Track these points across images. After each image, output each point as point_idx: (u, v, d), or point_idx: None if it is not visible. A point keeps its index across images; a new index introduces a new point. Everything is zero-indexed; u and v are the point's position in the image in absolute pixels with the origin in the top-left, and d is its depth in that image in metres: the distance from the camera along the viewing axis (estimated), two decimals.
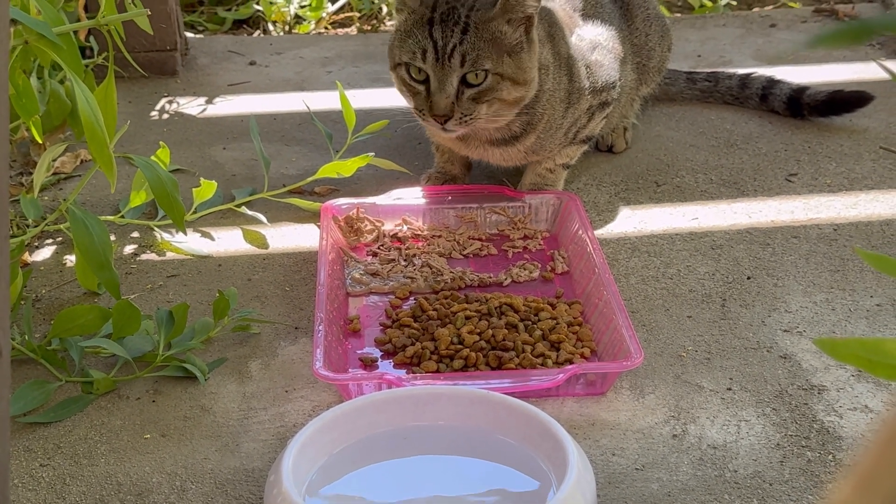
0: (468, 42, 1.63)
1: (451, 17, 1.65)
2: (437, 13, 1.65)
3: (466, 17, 1.64)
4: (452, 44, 1.63)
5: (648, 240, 1.79)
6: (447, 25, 1.64)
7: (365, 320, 1.58)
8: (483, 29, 1.64)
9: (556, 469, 1.17)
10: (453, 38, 1.63)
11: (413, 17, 1.68)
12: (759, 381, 1.44)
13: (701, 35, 2.69)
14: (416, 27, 1.67)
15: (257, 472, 1.29)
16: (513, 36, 1.66)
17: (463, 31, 1.64)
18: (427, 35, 1.65)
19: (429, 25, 1.65)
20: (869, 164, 2.01)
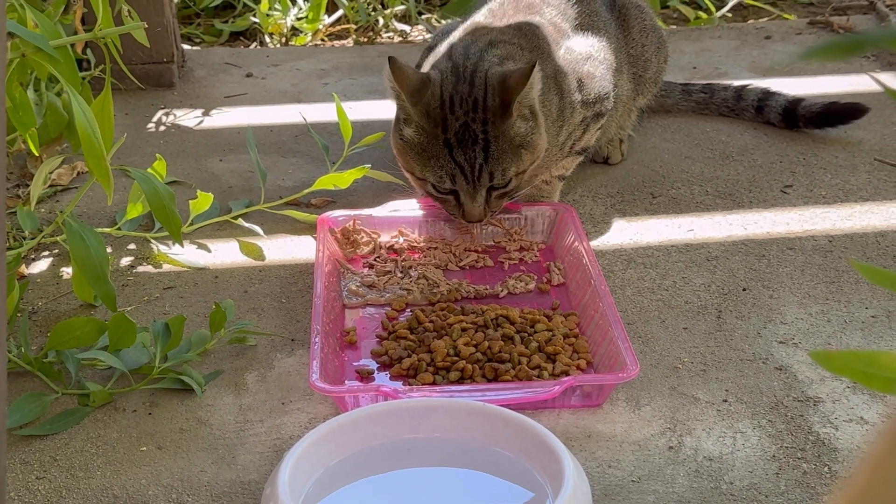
0: (492, 159, 1.64)
1: (468, 136, 1.64)
2: (450, 134, 1.64)
3: (484, 133, 1.64)
4: (478, 164, 1.64)
5: (644, 251, 1.79)
6: (467, 146, 1.64)
7: (361, 332, 1.59)
8: (501, 139, 1.64)
9: (553, 481, 1.17)
10: (477, 159, 1.64)
11: (425, 135, 1.66)
12: (755, 392, 1.44)
13: (696, 47, 2.70)
14: (432, 147, 1.65)
15: (254, 484, 1.29)
16: (524, 126, 1.67)
17: (484, 148, 1.64)
18: (450, 159, 1.64)
19: (447, 149, 1.64)
20: (864, 176, 2.01)
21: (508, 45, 1.76)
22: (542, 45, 1.81)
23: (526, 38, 1.79)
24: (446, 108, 1.64)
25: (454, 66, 1.68)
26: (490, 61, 1.69)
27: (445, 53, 1.76)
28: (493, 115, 1.64)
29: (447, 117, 1.64)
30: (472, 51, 1.72)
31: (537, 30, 1.83)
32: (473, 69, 1.67)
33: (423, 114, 1.65)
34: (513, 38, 1.78)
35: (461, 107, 1.64)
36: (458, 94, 1.65)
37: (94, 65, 2.27)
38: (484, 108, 1.64)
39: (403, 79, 1.65)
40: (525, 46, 1.77)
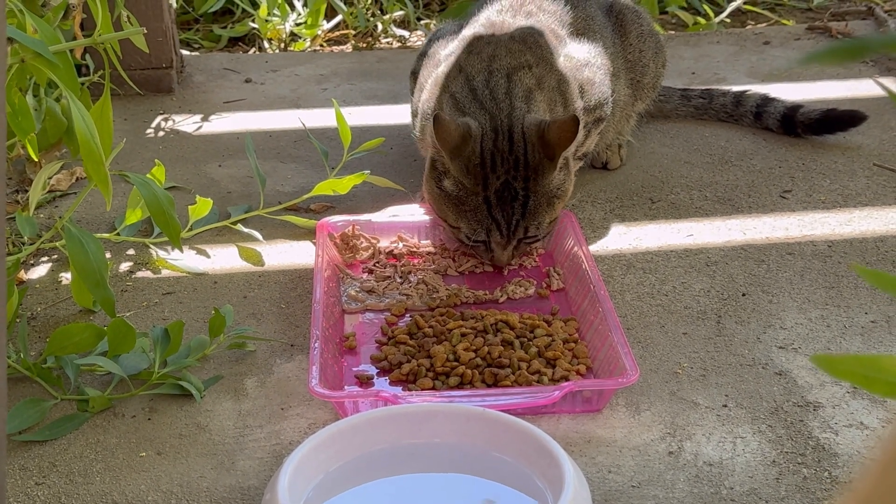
0: (529, 214, 1.65)
1: (509, 194, 1.64)
2: (490, 192, 1.64)
3: (524, 189, 1.64)
4: (515, 220, 1.65)
5: (643, 256, 1.79)
6: (506, 203, 1.64)
7: (361, 337, 1.59)
8: (540, 194, 1.65)
9: (553, 486, 1.16)
10: (515, 215, 1.65)
11: (463, 189, 1.66)
12: (755, 397, 1.44)
13: (695, 52, 2.70)
14: (470, 202, 1.65)
15: (253, 490, 1.29)
16: (560, 177, 1.68)
17: (523, 204, 1.65)
18: (487, 215, 1.65)
19: (486, 205, 1.64)
20: (863, 181, 2.01)
21: (522, 70, 1.75)
22: (546, 56, 1.81)
23: (531, 52, 1.79)
24: (487, 166, 1.64)
25: (491, 118, 1.67)
26: (520, 108, 1.69)
27: (468, 90, 1.73)
28: (534, 171, 1.64)
29: (488, 175, 1.64)
30: (499, 94, 1.71)
31: (540, 38, 1.83)
32: (510, 123, 1.67)
33: (463, 169, 1.64)
34: (521, 56, 1.77)
35: (502, 165, 1.64)
36: (500, 152, 1.64)
37: (93, 70, 2.27)
38: (525, 166, 1.64)
39: (446, 136, 1.62)
40: (533, 63, 1.77)
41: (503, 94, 1.70)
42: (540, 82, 1.76)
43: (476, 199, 1.64)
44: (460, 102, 1.72)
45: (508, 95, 1.70)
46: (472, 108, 1.70)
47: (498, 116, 1.68)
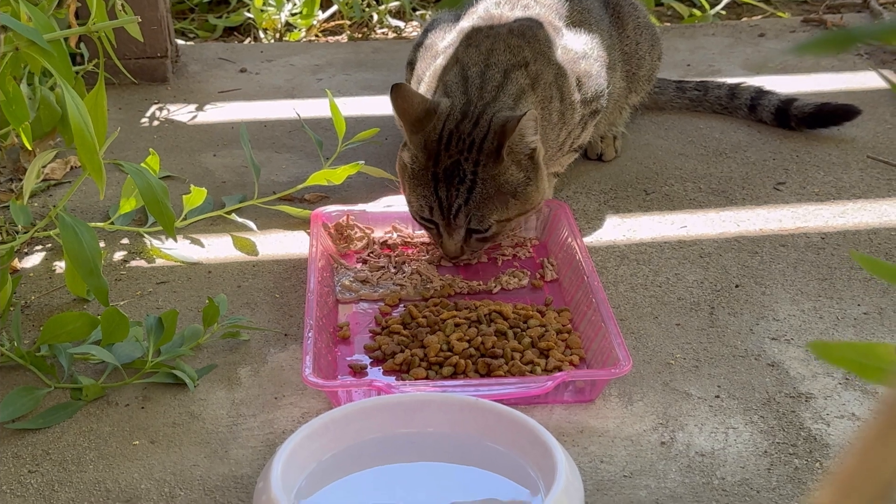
0: (473, 201, 1.62)
1: (456, 174, 1.62)
2: (440, 168, 1.62)
3: (473, 174, 1.62)
4: (458, 204, 1.62)
5: (637, 248, 1.80)
6: (451, 184, 1.62)
7: (354, 327, 1.59)
8: (489, 183, 1.62)
9: (545, 476, 1.17)
10: (458, 198, 1.62)
11: (418, 163, 1.65)
12: (747, 388, 1.44)
13: (690, 44, 2.70)
14: (421, 176, 1.64)
15: (246, 478, 1.29)
16: (519, 175, 1.64)
17: (469, 189, 1.62)
18: (432, 192, 1.63)
19: (433, 181, 1.63)
20: (857, 174, 2.02)
21: (519, 70, 1.74)
22: (543, 49, 1.81)
23: (529, 47, 1.78)
24: (442, 143, 1.63)
25: (467, 102, 1.67)
26: (504, 102, 1.68)
27: (460, 78, 1.73)
28: (486, 157, 1.62)
29: (440, 152, 1.63)
30: (489, 86, 1.70)
31: (539, 31, 1.83)
32: (482, 110, 1.66)
33: (421, 144, 1.64)
34: (520, 53, 1.76)
35: (457, 145, 1.63)
36: (458, 133, 1.63)
37: (87, 59, 2.27)
38: (479, 150, 1.62)
39: (406, 107, 1.62)
40: (530, 59, 1.76)
41: (493, 87, 1.70)
42: (536, 81, 1.76)
43: (426, 174, 1.64)
44: (449, 88, 1.72)
45: (499, 90, 1.70)
46: (456, 92, 1.70)
47: (475, 103, 1.67)
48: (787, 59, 2.54)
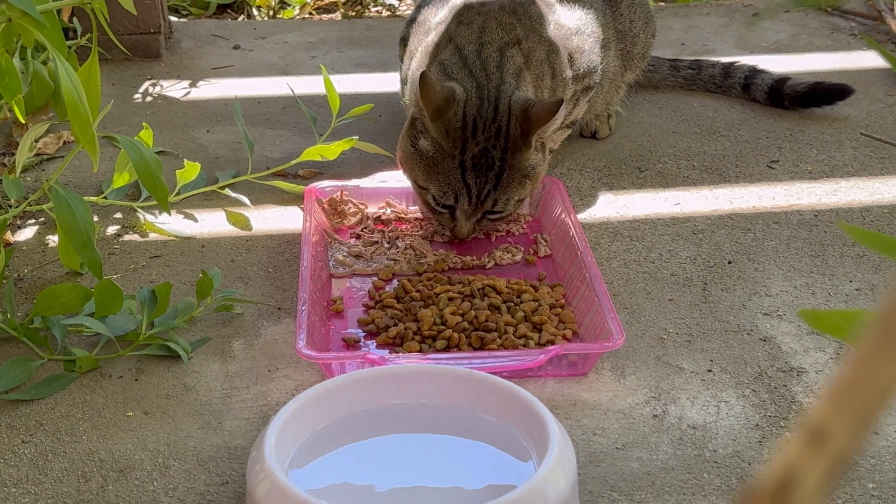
0: (502, 187, 1.64)
1: (485, 161, 1.63)
2: (467, 156, 1.63)
3: (501, 160, 1.63)
4: (487, 190, 1.64)
5: (631, 224, 1.80)
6: (480, 171, 1.63)
7: (348, 301, 1.59)
8: (515, 168, 1.64)
9: (538, 447, 1.17)
10: (488, 184, 1.64)
11: (440, 151, 1.64)
12: (739, 363, 1.45)
13: (684, 23, 2.70)
14: (445, 164, 1.64)
15: (240, 449, 1.29)
16: (536, 157, 1.67)
17: (497, 175, 1.63)
18: (460, 180, 1.63)
19: (461, 170, 1.63)
20: (850, 152, 2.02)
21: (513, 47, 1.74)
22: (535, 27, 1.80)
23: (521, 24, 1.78)
24: (468, 130, 1.63)
25: (478, 86, 1.67)
26: (510, 84, 1.68)
27: (458, 59, 1.72)
28: (513, 144, 1.63)
29: (468, 140, 1.63)
30: (491, 66, 1.70)
31: (530, 7, 1.83)
32: (497, 94, 1.66)
33: (443, 131, 1.63)
34: (512, 31, 1.76)
35: (483, 132, 1.63)
36: (482, 119, 1.63)
37: (80, 34, 2.26)
38: (506, 137, 1.63)
39: (431, 96, 1.60)
40: (522, 37, 1.76)
41: (494, 68, 1.70)
42: (529, 58, 1.76)
43: (451, 162, 1.64)
44: (448, 69, 1.72)
45: (499, 69, 1.70)
46: (461, 74, 1.70)
47: (486, 86, 1.67)
48: (781, 40, 2.54)
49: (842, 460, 0.22)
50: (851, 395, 0.22)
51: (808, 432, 0.22)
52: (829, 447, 0.22)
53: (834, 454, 0.22)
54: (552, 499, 1.08)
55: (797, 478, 0.22)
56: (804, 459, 0.22)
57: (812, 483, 0.22)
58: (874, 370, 0.22)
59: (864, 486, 1.23)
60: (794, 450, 0.22)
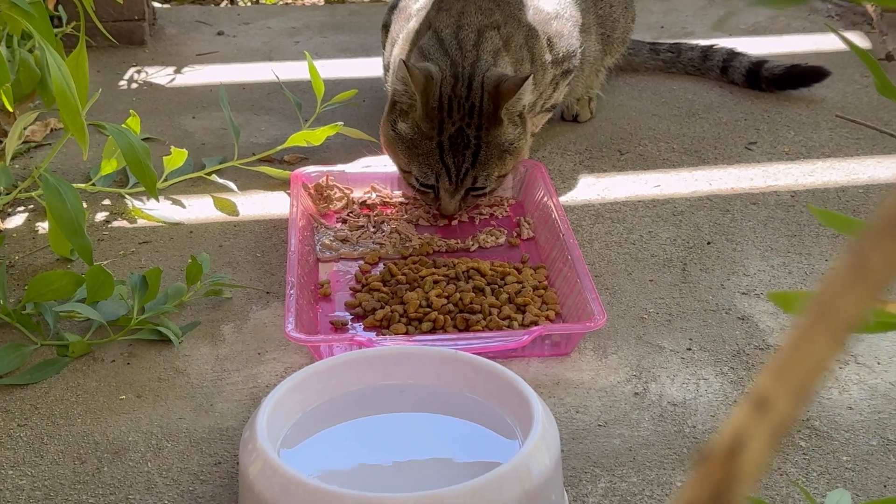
0: (479, 163, 1.67)
1: (461, 141, 1.66)
2: (444, 137, 1.66)
3: (476, 138, 1.66)
4: (465, 168, 1.67)
5: (612, 206, 1.83)
6: (458, 150, 1.66)
7: (335, 285, 1.62)
8: (491, 145, 1.68)
9: (522, 424, 1.21)
10: (465, 162, 1.67)
11: (419, 133, 1.68)
12: (718, 341, 1.49)
13: (664, 6, 2.73)
14: (424, 145, 1.67)
15: (231, 430, 1.33)
16: (514, 132, 1.70)
17: (474, 153, 1.67)
18: (438, 160, 1.67)
19: (439, 150, 1.66)
20: (826, 133, 2.06)
21: (492, 30, 1.77)
22: (514, 12, 1.83)
23: (500, 10, 1.81)
24: (444, 110, 1.66)
25: (452, 64, 1.70)
26: (486, 61, 1.71)
27: (436, 41, 1.75)
28: (487, 121, 1.67)
29: (444, 120, 1.66)
30: (467, 46, 1.73)
31: None
32: (472, 71, 1.69)
33: (422, 114, 1.67)
34: (491, 15, 1.79)
35: (458, 111, 1.66)
36: (457, 98, 1.67)
37: (65, 22, 2.27)
38: (479, 114, 1.67)
39: (416, 80, 1.64)
40: (501, 22, 1.79)
41: (471, 46, 1.73)
42: (508, 42, 1.79)
43: (430, 143, 1.67)
44: (426, 51, 1.75)
45: (476, 48, 1.73)
46: (437, 55, 1.73)
47: (460, 64, 1.70)
48: (760, 22, 2.57)
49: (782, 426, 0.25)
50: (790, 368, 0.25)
51: (753, 401, 0.25)
52: (771, 415, 0.25)
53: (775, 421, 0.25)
54: (536, 475, 1.12)
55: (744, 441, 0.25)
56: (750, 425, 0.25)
57: (757, 446, 0.25)
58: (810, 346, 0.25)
59: (838, 459, 1.27)
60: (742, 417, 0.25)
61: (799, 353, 0.25)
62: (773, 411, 0.25)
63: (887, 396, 1.37)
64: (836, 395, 1.37)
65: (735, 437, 0.25)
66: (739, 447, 0.25)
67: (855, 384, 1.40)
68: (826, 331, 0.25)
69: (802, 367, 0.25)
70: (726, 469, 0.25)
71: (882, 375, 1.41)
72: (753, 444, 0.25)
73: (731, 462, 0.25)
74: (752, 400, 0.25)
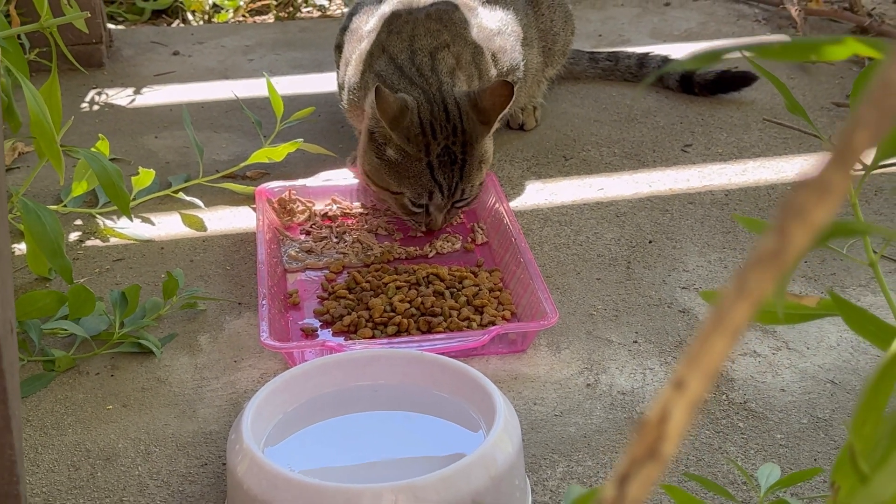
0: (466, 176, 1.79)
1: (449, 158, 1.77)
2: (433, 156, 1.77)
3: (462, 153, 1.78)
4: (454, 183, 1.79)
5: (559, 210, 1.95)
6: (446, 167, 1.77)
7: (303, 294, 1.72)
8: (474, 158, 1.79)
9: (486, 417, 1.32)
10: (455, 177, 1.78)
11: (406, 157, 1.77)
12: (662, 333, 1.61)
13: (601, 15, 2.86)
14: (414, 167, 1.77)
15: (215, 433, 1.42)
16: (488, 144, 1.83)
17: (461, 167, 1.78)
18: (430, 179, 1.77)
19: (429, 170, 1.77)
20: (756, 134, 2.19)
21: (442, 50, 1.89)
22: (460, 31, 1.94)
23: (447, 30, 1.92)
24: (427, 134, 1.77)
25: (423, 92, 1.81)
26: (447, 83, 1.83)
27: (393, 68, 1.86)
28: (469, 137, 1.78)
29: (429, 142, 1.77)
30: (426, 70, 1.85)
31: (454, 14, 1.96)
32: (441, 95, 1.80)
33: (404, 138, 1.76)
34: (440, 36, 1.90)
35: (441, 132, 1.77)
36: (437, 121, 1.77)
37: (28, 49, 2.35)
38: (462, 133, 1.78)
39: (386, 108, 1.73)
40: (450, 41, 1.90)
41: (429, 71, 1.85)
42: (458, 60, 1.91)
43: (419, 164, 1.77)
44: (388, 80, 1.85)
45: (434, 72, 1.85)
46: (403, 84, 1.84)
47: (429, 90, 1.82)
48: (691, 28, 2.71)
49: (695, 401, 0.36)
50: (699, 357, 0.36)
51: (674, 382, 0.36)
52: (687, 392, 0.36)
53: (690, 397, 0.36)
54: (501, 462, 1.23)
55: (669, 411, 0.36)
56: (673, 400, 0.36)
57: (678, 416, 0.36)
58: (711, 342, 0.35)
59: (773, 437, 1.40)
60: (667, 394, 0.36)
61: (703, 347, 0.36)
62: (688, 390, 0.36)
63: (816, 378, 1.50)
64: (770, 379, 1.50)
65: (663, 409, 0.36)
66: (667, 416, 0.36)
67: (787, 368, 1.52)
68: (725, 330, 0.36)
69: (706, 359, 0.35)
70: (657, 432, 0.36)
71: (811, 359, 1.54)
72: (675, 413, 0.36)
73: (660, 427, 0.36)
74: (673, 382, 0.36)
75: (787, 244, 0.34)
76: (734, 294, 0.35)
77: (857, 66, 2.46)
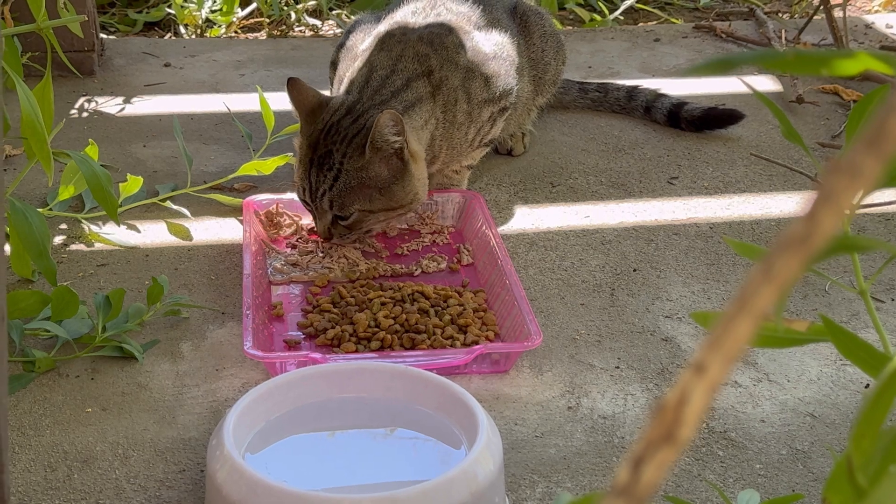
0: (337, 189, 1.75)
1: (327, 162, 1.76)
2: (316, 155, 1.77)
3: (340, 164, 1.75)
4: (323, 189, 1.76)
5: (545, 235, 1.96)
6: (322, 170, 1.76)
7: (287, 306, 1.72)
8: (353, 175, 1.75)
9: (468, 434, 1.32)
10: (324, 184, 1.76)
11: (303, 150, 1.80)
12: (644, 360, 1.62)
13: (591, 47, 2.88)
14: (304, 160, 1.79)
15: (194, 440, 1.42)
16: (385, 171, 1.76)
17: (335, 177, 1.75)
18: (305, 175, 1.78)
19: (308, 165, 1.78)
20: (742, 169, 2.21)
21: (420, 79, 1.88)
22: (451, 56, 1.95)
23: (437, 55, 1.92)
24: (324, 133, 1.78)
25: (357, 101, 1.81)
26: (394, 107, 1.80)
27: (364, 79, 1.87)
28: (352, 150, 1.76)
29: (320, 141, 1.78)
30: (386, 90, 1.84)
31: (447, 38, 1.97)
32: (368, 109, 1.80)
33: (308, 133, 1.79)
34: (426, 62, 1.91)
35: (334, 136, 1.77)
36: (339, 127, 1.78)
37: (21, 52, 2.34)
38: (349, 144, 1.76)
39: (301, 100, 1.79)
40: (436, 67, 1.91)
41: (389, 92, 1.85)
42: (438, 87, 1.90)
43: (305, 159, 1.79)
44: (350, 86, 1.87)
45: (393, 95, 1.85)
46: (353, 91, 1.85)
47: (363, 102, 1.82)
48: (680, 64, 2.74)
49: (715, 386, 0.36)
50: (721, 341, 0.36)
51: (694, 365, 0.37)
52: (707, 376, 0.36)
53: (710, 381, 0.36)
54: (482, 479, 1.23)
55: (688, 395, 0.36)
56: (692, 384, 0.36)
57: (697, 400, 0.36)
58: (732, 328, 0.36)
59: (752, 466, 1.40)
60: (686, 378, 0.37)
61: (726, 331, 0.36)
62: (709, 374, 0.36)
63: (796, 411, 1.51)
64: (751, 410, 1.51)
65: (681, 393, 0.37)
66: (686, 399, 0.36)
67: (767, 399, 1.53)
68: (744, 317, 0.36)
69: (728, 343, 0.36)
70: (675, 415, 0.37)
71: (791, 392, 1.55)
72: (694, 397, 0.36)
73: (678, 410, 0.36)
74: (693, 365, 0.37)
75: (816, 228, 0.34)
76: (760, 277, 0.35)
77: (843, 108, 2.49)
